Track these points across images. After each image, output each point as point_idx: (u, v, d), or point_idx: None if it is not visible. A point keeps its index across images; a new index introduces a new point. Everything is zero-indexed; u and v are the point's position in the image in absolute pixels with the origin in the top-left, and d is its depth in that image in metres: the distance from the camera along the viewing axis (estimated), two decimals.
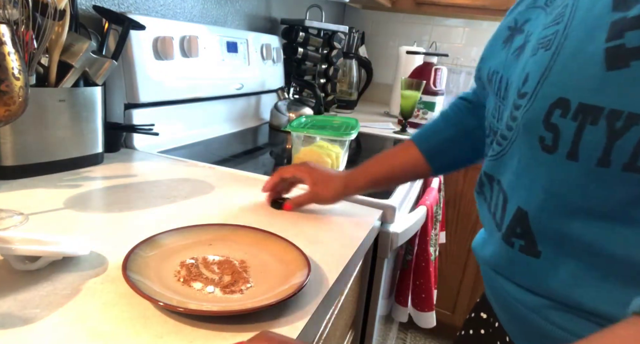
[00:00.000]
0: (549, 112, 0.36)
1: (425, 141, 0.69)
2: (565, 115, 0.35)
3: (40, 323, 0.39)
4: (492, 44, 0.52)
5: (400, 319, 1.07)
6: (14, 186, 0.70)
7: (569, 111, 0.34)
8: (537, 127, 0.37)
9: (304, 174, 0.71)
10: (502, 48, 0.48)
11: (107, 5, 0.96)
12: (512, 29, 0.48)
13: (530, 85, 0.38)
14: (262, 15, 1.59)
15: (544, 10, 0.43)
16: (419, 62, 1.88)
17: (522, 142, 0.40)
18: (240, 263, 0.52)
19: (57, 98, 0.75)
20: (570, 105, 0.34)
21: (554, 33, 0.38)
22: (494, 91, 0.49)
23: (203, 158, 0.97)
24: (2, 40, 0.50)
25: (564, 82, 0.35)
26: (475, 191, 0.53)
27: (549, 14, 0.41)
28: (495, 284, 0.48)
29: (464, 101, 0.69)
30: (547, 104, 0.36)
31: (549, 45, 0.38)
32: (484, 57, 0.53)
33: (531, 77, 0.38)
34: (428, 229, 1.03)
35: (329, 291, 0.51)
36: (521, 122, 0.39)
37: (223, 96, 1.28)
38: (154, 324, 0.41)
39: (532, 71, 0.39)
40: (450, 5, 1.89)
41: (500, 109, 0.47)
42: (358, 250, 0.63)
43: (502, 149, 0.44)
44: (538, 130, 0.37)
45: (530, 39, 0.43)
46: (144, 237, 0.53)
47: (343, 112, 1.94)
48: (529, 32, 0.44)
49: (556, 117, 0.35)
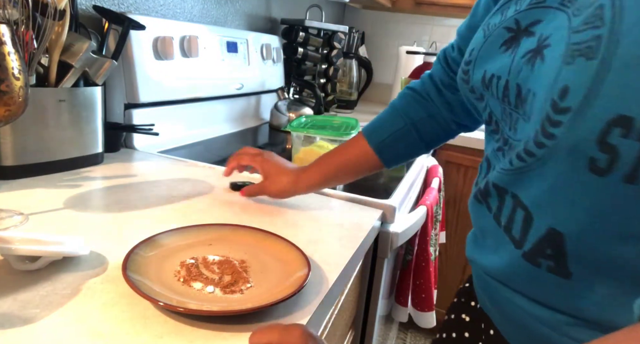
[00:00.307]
0: (605, 132, 0.32)
1: (374, 134, 0.69)
2: (628, 135, 0.31)
3: (40, 323, 0.39)
4: (485, 46, 0.47)
5: (400, 319, 1.07)
6: (14, 186, 0.70)
7: (633, 130, 0.30)
8: (587, 147, 0.33)
9: (257, 165, 0.74)
10: (503, 51, 0.44)
11: (107, 5, 0.96)
12: (513, 30, 0.44)
13: (574, 99, 0.34)
14: (262, 15, 1.59)
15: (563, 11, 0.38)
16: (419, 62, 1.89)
17: (562, 162, 0.36)
18: (240, 263, 0.52)
19: (57, 98, 0.75)
20: (634, 123, 0.30)
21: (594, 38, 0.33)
22: (496, 97, 0.45)
23: (203, 158, 0.97)
24: (2, 40, 0.50)
25: (624, 97, 0.31)
26: (475, 198, 0.50)
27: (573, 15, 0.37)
28: (499, 296, 0.47)
29: (412, 91, 0.69)
30: (603, 122, 0.32)
31: (591, 53, 0.33)
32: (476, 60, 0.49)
33: (573, 90, 0.34)
34: (428, 229, 1.03)
35: (329, 291, 0.51)
36: (564, 142, 0.35)
37: (223, 96, 1.27)
38: (154, 324, 0.41)
39: (573, 83, 0.34)
40: (450, 5, 1.89)
41: (512, 117, 0.43)
42: (358, 250, 0.63)
43: (526, 165, 0.40)
44: (589, 151, 0.33)
45: (549, 43, 0.38)
46: (144, 237, 0.53)
47: (343, 112, 1.94)
48: (544, 35, 0.39)
49: (615, 136, 0.31)
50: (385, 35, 2.34)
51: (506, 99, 0.43)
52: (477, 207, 0.50)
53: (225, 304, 0.44)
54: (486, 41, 0.48)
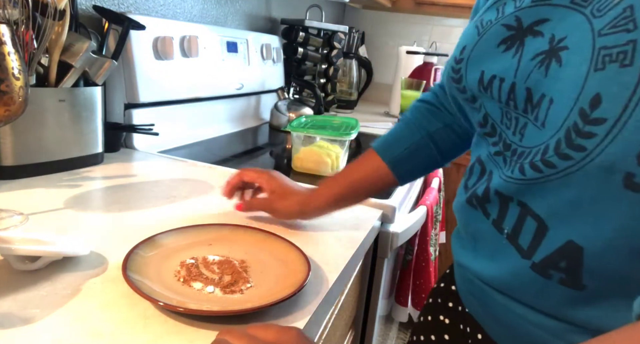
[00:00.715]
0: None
1: (387, 149, 0.64)
2: None
3: (40, 323, 0.39)
4: (479, 44, 0.45)
5: (400, 319, 1.07)
6: (14, 186, 0.70)
7: None
8: (626, 162, 0.31)
9: (262, 182, 0.67)
10: (502, 51, 0.42)
11: (107, 5, 0.96)
12: (513, 28, 0.42)
13: (610, 110, 0.31)
14: (262, 15, 1.59)
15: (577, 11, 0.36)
16: (419, 62, 1.89)
17: (592, 176, 0.34)
18: (240, 262, 0.52)
19: (57, 98, 0.75)
20: None
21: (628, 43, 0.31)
22: (497, 99, 0.43)
23: (203, 158, 0.97)
24: (2, 40, 0.50)
25: None
26: (468, 203, 0.48)
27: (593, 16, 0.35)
28: (494, 302, 0.45)
29: (425, 104, 0.65)
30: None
31: (625, 59, 0.31)
32: (469, 58, 0.46)
33: (607, 99, 0.32)
34: (428, 229, 1.03)
35: (329, 291, 0.51)
36: (597, 155, 0.33)
37: (223, 95, 1.27)
38: (154, 324, 0.41)
39: (606, 92, 0.32)
40: (450, 5, 1.89)
41: (519, 122, 0.41)
42: (358, 250, 0.63)
43: (543, 176, 0.37)
44: (627, 166, 0.31)
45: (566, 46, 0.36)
46: (144, 237, 0.53)
47: (343, 112, 1.94)
48: (557, 36, 0.37)
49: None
50: (385, 35, 2.34)
51: (512, 103, 0.41)
52: (469, 211, 0.48)
53: (225, 304, 0.44)
54: (480, 39, 0.45)
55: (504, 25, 0.43)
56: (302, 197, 0.65)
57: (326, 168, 0.96)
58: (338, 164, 0.98)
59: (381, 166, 0.64)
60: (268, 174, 0.67)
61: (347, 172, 0.66)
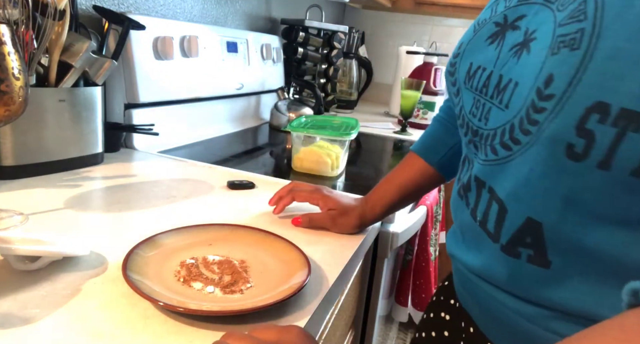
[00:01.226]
0: (584, 117, 0.33)
1: (430, 152, 0.66)
2: (604, 121, 0.32)
3: (40, 323, 0.40)
4: (473, 40, 0.49)
5: (400, 319, 1.07)
6: (14, 186, 0.70)
7: (609, 116, 0.32)
8: (567, 132, 0.34)
9: (318, 202, 0.68)
10: (488, 44, 0.46)
11: (107, 5, 0.96)
12: (500, 25, 0.46)
13: (558, 86, 0.35)
14: (262, 15, 1.59)
15: (547, 7, 0.41)
16: (419, 62, 1.88)
17: (543, 148, 0.37)
18: (240, 262, 0.52)
19: (57, 98, 0.75)
20: (611, 110, 0.32)
21: (578, 31, 0.35)
22: (475, 88, 0.47)
23: (203, 158, 0.97)
24: (2, 40, 0.50)
25: (603, 85, 0.33)
26: (458, 193, 0.50)
27: (557, 10, 0.39)
28: (480, 291, 0.47)
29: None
30: (583, 108, 0.33)
31: (574, 44, 0.35)
32: (464, 53, 0.50)
33: (558, 77, 0.35)
34: (428, 229, 1.03)
35: (329, 291, 0.51)
36: (547, 127, 0.36)
37: (223, 95, 1.28)
38: (154, 324, 0.41)
39: (557, 72, 0.36)
40: (450, 5, 1.89)
41: (485, 107, 0.44)
42: (358, 250, 0.63)
43: (511, 154, 0.41)
44: (568, 136, 0.34)
45: (535, 37, 0.40)
46: (144, 237, 0.53)
47: (343, 112, 1.94)
48: (530, 29, 0.41)
49: (592, 122, 0.33)
50: (385, 35, 2.34)
51: (484, 90, 0.45)
52: (458, 202, 0.51)
53: (225, 304, 0.44)
54: (475, 35, 0.49)
55: (494, 23, 0.47)
56: (360, 211, 0.68)
57: (326, 168, 0.96)
58: (338, 164, 0.98)
59: (426, 167, 0.67)
60: (320, 193, 0.69)
61: (394, 179, 0.69)
